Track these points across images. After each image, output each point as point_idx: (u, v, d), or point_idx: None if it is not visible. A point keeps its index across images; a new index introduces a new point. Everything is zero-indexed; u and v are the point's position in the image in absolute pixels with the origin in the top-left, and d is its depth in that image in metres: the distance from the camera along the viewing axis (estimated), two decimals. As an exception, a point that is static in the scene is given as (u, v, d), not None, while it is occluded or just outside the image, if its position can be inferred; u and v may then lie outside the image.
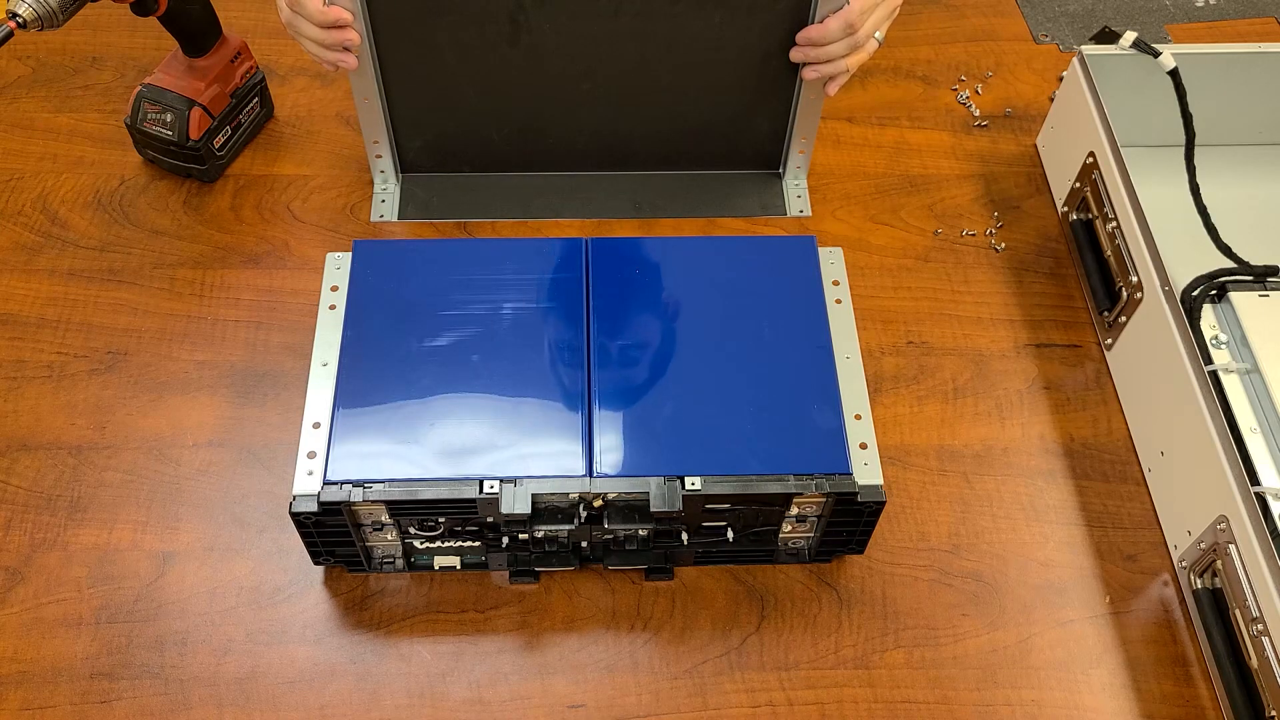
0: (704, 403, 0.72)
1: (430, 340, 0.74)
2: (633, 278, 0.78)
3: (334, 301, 0.76)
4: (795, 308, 0.76)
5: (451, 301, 0.75)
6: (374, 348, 0.73)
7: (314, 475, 0.69)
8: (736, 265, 0.79)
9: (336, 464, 0.69)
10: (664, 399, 0.72)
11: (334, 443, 0.70)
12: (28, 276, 0.90)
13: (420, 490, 0.68)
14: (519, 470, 0.69)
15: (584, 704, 0.72)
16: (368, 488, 0.68)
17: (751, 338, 0.75)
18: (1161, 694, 0.73)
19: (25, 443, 0.81)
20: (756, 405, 0.72)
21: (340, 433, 0.70)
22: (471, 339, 0.74)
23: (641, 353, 0.74)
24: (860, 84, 1.07)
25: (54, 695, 0.71)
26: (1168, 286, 0.80)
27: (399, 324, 0.74)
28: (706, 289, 0.77)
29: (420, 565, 0.75)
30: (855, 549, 0.76)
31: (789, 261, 0.79)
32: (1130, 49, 0.93)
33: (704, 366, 0.74)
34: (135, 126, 0.94)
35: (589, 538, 0.73)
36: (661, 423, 0.71)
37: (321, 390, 0.72)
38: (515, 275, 0.77)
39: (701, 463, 0.69)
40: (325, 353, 0.73)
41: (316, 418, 0.71)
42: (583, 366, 0.73)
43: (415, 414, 0.71)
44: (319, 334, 0.74)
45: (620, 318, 0.76)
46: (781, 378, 0.73)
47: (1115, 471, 0.83)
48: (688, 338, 0.75)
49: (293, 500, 0.68)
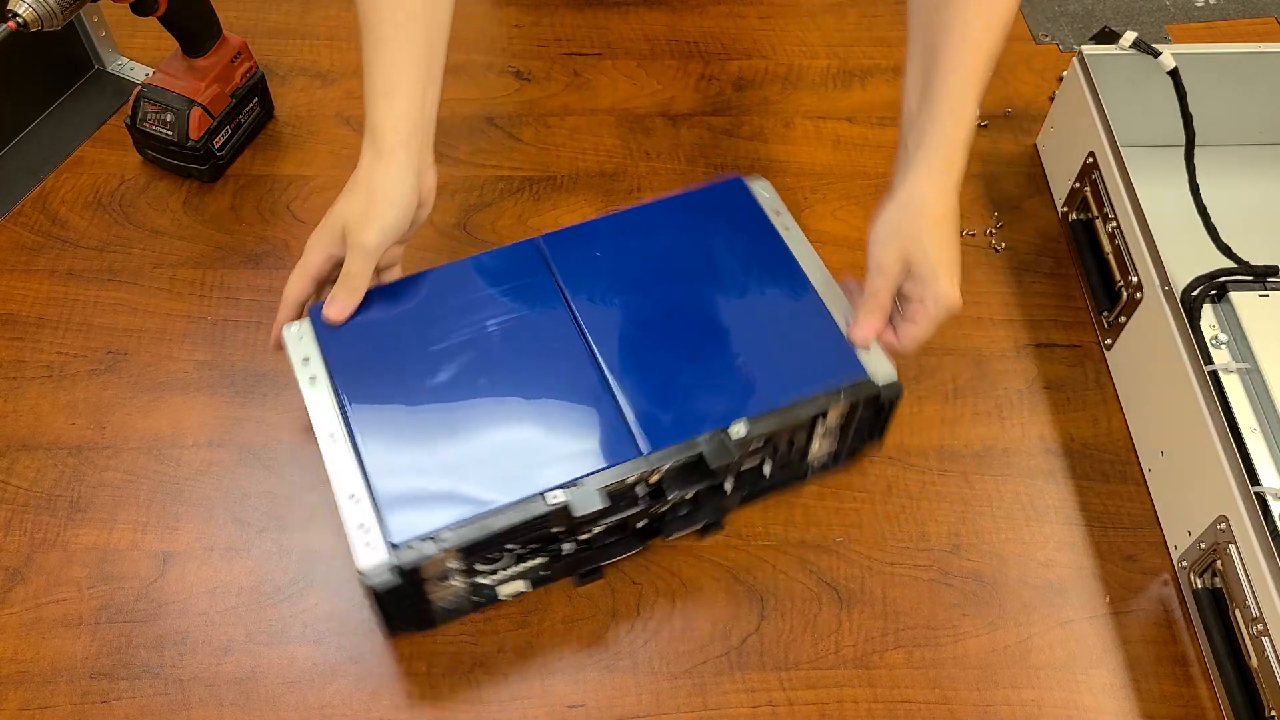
0: (712, 353, 0.74)
1: (431, 378, 0.72)
2: (595, 260, 0.78)
3: (312, 373, 0.73)
4: (753, 243, 0.79)
5: (433, 336, 0.74)
6: (378, 404, 0.71)
7: (373, 545, 0.65)
8: (683, 220, 0.81)
9: (395, 526, 0.66)
10: (675, 361, 0.73)
11: (382, 507, 0.67)
12: (28, 276, 0.90)
13: (491, 522, 0.66)
14: (575, 472, 0.68)
15: (584, 704, 0.72)
16: (437, 539, 0.66)
17: (728, 281, 0.77)
18: (1161, 694, 0.73)
19: (25, 443, 0.81)
20: (759, 340, 0.74)
21: (384, 495, 0.67)
22: (471, 364, 0.73)
23: (637, 327, 0.75)
24: (860, 84, 1.07)
25: (54, 695, 0.71)
26: (1168, 286, 0.80)
27: (392, 373, 0.73)
28: (668, 249, 0.79)
29: (486, 599, 0.73)
30: (877, 438, 0.78)
31: (729, 204, 0.81)
32: (1130, 49, 0.93)
33: (698, 320, 0.75)
34: (135, 126, 0.94)
35: (649, 514, 0.73)
36: (682, 384, 0.72)
37: (342, 462, 0.69)
38: (484, 292, 0.76)
39: (735, 408, 0.71)
40: (328, 425, 0.70)
41: (350, 490, 0.68)
42: (587, 356, 0.73)
43: (449, 453, 0.69)
44: (312, 408, 0.71)
45: (602, 300, 0.76)
46: (770, 309, 0.76)
47: (1115, 471, 0.83)
48: (671, 300, 0.76)
49: (363, 575, 0.65)
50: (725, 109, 1.04)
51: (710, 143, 1.01)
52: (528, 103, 1.04)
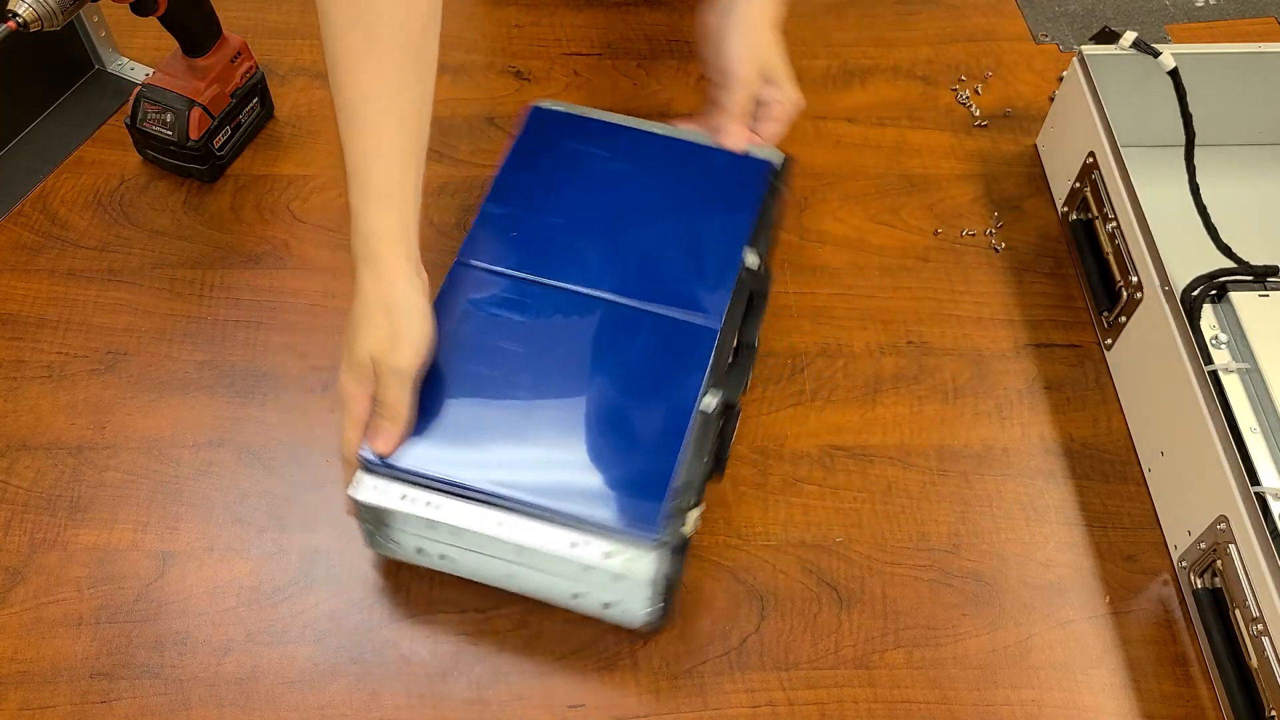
0: (674, 239, 0.80)
1: (513, 399, 0.73)
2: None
3: (429, 499, 0.69)
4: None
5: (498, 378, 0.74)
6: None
7: (643, 550, 0.67)
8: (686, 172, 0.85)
9: (660, 524, 0.67)
10: (654, 273, 0.78)
11: (623, 526, 0.67)
12: (28, 276, 0.90)
13: (690, 468, 0.70)
14: (695, 389, 0.72)
15: (584, 704, 0.72)
16: (679, 511, 0.68)
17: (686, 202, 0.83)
18: (1161, 694, 0.73)
19: (25, 443, 0.81)
20: (700, 203, 0.83)
21: (606, 516, 0.68)
22: (538, 379, 0.73)
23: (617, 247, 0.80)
24: (860, 84, 1.07)
25: (54, 695, 0.71)
26: (1168, 286, 0.80)
27: (490, 385, 0.73)
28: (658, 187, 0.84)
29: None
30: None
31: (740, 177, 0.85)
32: (1130, 49, 0.93)
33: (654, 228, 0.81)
34: (135, 126, 0.94)
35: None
36: (679, 279, 0.78)
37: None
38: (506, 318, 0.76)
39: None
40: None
41: (571, 540, 0.67)
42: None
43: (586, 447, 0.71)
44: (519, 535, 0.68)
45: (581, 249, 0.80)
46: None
47: (1115, 471, 0.83)
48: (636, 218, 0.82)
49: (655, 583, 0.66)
50: (725, 109, 1.04)
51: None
52: (528, 103, 1.03)
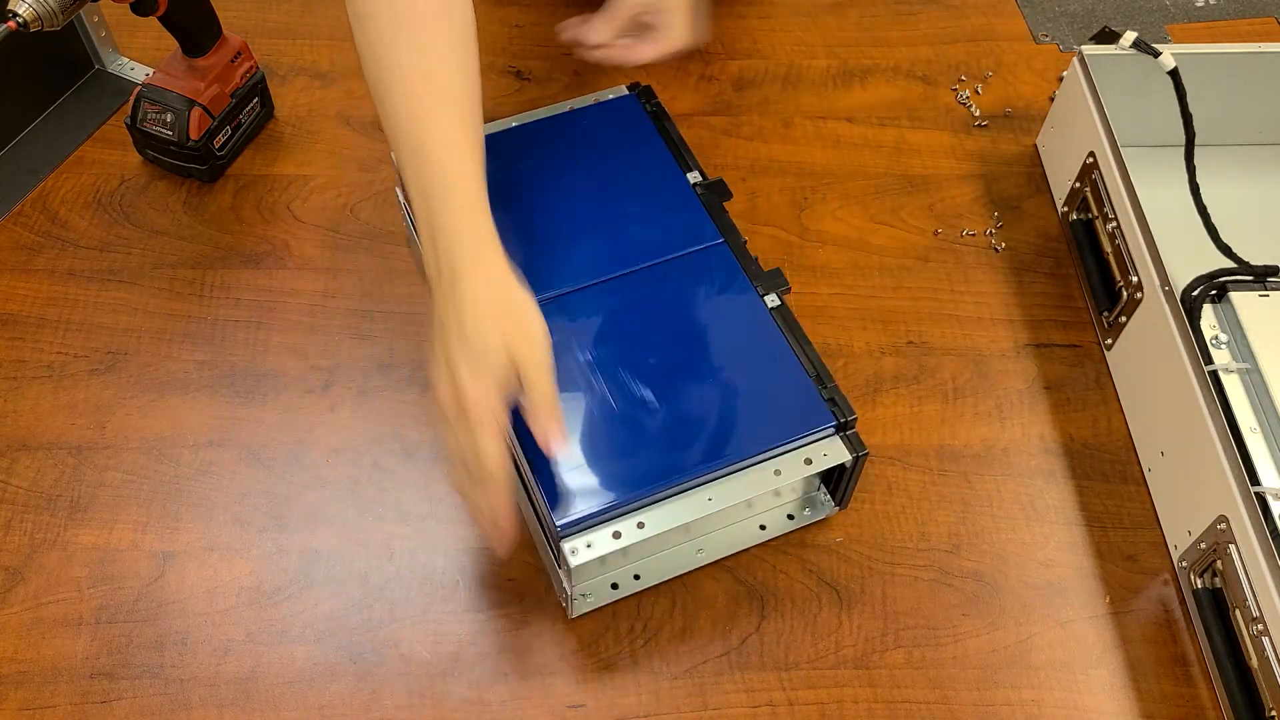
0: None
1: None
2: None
3: (641, 520, 0.70)
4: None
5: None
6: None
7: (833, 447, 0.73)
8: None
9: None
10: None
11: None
12: (28, 276, 0.90)
13: None
14: None
15: (584, 704, 0.72)
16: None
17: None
18: (1161, 694, 0.73)
19: (25, 443, 0.81)
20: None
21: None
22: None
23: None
24: (860, 84, 1.07)
25: (54, 695, 0.71)
26: (1168, 286, 0.80)
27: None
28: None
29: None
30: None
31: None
32: (1130, 49, 0.93)
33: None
34: (135, 126, 0.94)
35: None
36: (656, 225, 0.82)
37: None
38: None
39: None
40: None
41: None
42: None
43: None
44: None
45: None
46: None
47: (1115, 471, 0.83)
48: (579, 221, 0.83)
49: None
50: (725, 109, 1.04)
51: (710, 143, 1.01)
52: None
